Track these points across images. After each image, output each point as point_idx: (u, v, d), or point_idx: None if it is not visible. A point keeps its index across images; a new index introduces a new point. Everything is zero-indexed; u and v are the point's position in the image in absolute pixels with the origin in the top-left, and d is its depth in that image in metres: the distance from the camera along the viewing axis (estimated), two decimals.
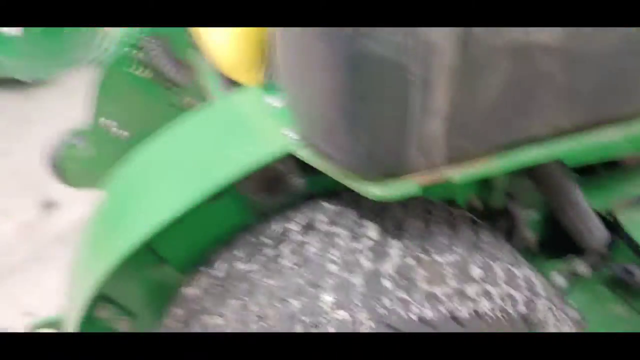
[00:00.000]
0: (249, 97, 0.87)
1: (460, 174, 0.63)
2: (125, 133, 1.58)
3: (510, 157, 0.64)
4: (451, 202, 0.88)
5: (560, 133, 0.64)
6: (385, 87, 0.56)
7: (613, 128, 0.66)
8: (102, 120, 1.56)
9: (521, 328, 0.68)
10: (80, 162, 1.59)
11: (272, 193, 0.84)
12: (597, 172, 0.95)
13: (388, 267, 0.68)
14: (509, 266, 0.72)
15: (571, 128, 0.64)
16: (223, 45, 0.96)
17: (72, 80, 3.49)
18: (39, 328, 1.28)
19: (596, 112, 0.64)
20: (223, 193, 0.85)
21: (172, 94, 1.59)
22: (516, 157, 0.64)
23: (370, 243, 0.72)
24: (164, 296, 0.89)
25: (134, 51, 1.52)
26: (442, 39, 0.54)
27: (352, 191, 0.64)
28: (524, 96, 0.59)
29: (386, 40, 0.53)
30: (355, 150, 0.59)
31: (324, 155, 0.65)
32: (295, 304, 0.64)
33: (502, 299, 0.66)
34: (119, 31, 1.58)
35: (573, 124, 0.63)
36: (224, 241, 0.82)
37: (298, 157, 0.71)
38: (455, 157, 0.61)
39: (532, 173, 0.89)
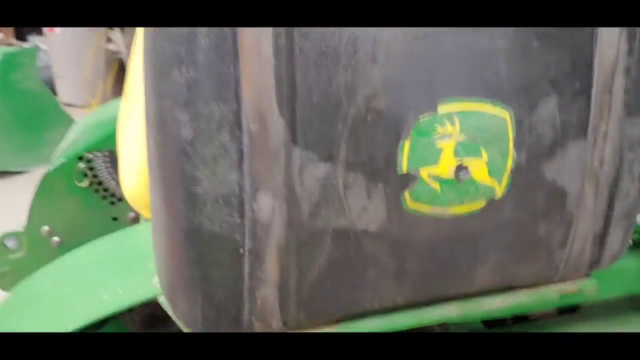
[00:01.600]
0: (144, 231, 0.91)
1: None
2: (57, 239, 1.60)
3: (345, 327, 0.67)
4: None
5: (395, 307, 0.68)
6: (218, 257, 0.60)
7: (447, 305, 0.70)
8: (37, 224, 1.59)
9: None
10: (10, 264, 1.60)
11: (154, 329, 0.87)
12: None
13: None
14: None
15: (405, 304, 0.67)
16: (126, 178, 1.00)
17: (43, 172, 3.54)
18: None
19: (427, 291, 0.68)
20: (105, 323, 0.87)
21: (114, 207, 1.63)
22: (351, 327, 0.67)
23: None
24: None
25: (78, 162, 1.58)
26: (271, 220, 0.59)
27: None
28: (351, 273, 0.63)
29: (220, 220, 0.58)
30: (191, 312, 0.62)
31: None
32: None
33: None
34: (67, 141, 1.64)
35: (405, 300, 0.67)
36: None
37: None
38: (291, 324, 0.64)
39: None
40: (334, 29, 0.56)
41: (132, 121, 1.06)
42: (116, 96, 4.88)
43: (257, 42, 0.55)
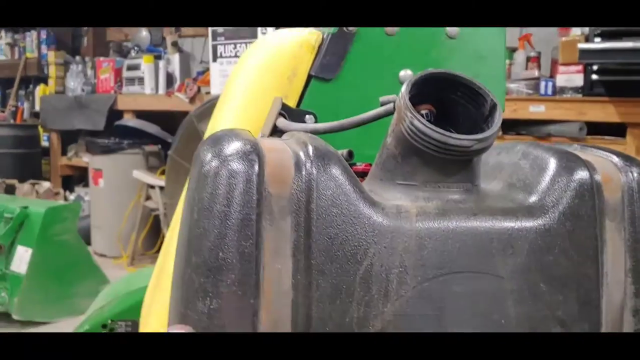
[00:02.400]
0: None
1: None
2: None
3: None
4: None
5: None
6: None
7: None
8: None
9: None
10: None
11: None
12: None
13: None
14: None
15: None
16: None
17: (68, 325, 3.55)
18: None
19: None
20: None
21: None
22: None
23: None
24: None
25: (101, 330, 1.60)
26: None
27: None
28: None
29: None
30: None
31: None
32: None
33: None
34: (93, 309, 1.68)
35: None
36: None
37: None
38: None
39: None
40: (348, 267, 0.60)
41: (157, 304, 1.10)
42: (146, 250, 4.99)
43: (278, 277, 0.59)
